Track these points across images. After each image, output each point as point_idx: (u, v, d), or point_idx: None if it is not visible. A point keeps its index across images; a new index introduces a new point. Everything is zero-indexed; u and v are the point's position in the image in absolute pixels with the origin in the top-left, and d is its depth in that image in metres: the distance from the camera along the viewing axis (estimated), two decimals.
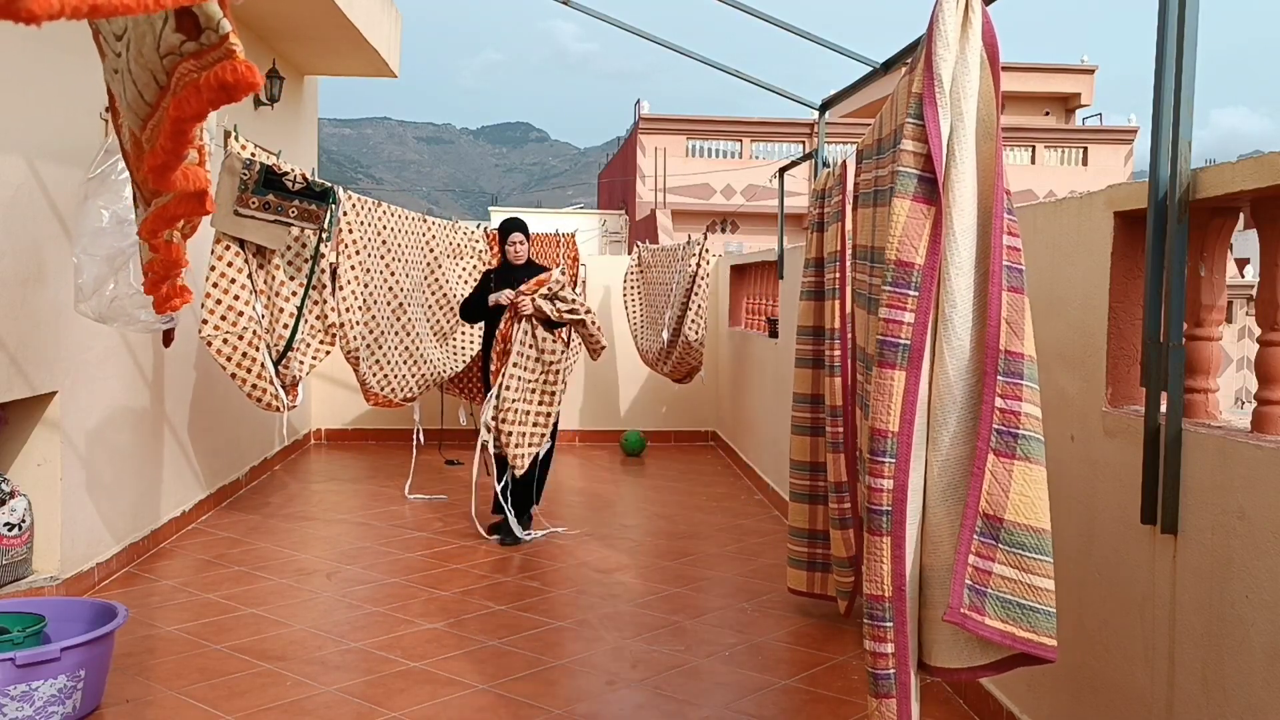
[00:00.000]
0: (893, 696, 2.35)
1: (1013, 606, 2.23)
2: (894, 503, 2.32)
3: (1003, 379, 2.26)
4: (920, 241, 2.33)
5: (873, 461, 2.34)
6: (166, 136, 1.50)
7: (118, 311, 3.95)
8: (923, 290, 2.33)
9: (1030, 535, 2.24)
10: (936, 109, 2.31)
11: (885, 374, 2.34)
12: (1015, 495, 2.24)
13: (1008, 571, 2.23)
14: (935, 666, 2.42)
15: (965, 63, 2.32)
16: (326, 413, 8.92)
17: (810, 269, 4.43)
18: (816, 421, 4.38)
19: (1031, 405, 2.26)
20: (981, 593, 2.23)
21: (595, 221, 29.97)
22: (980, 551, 2.24)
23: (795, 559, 4.47)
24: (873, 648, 2.35)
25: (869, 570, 2.35)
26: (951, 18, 2.32)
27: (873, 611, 2.35)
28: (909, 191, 2.34)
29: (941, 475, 2.35)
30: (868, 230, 3.13)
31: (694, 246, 7.61)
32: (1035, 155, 30.94)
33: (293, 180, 4.94)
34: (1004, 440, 2.25)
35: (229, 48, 1.35)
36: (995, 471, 2.24)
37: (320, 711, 3.37)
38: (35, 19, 0.86)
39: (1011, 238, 2.30)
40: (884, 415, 2.33)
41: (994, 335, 2.27)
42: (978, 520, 2.25)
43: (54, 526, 4.32)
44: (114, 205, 3.91)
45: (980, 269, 2.33)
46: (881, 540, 2.32)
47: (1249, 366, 19.41)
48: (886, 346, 2.34)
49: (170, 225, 1.95)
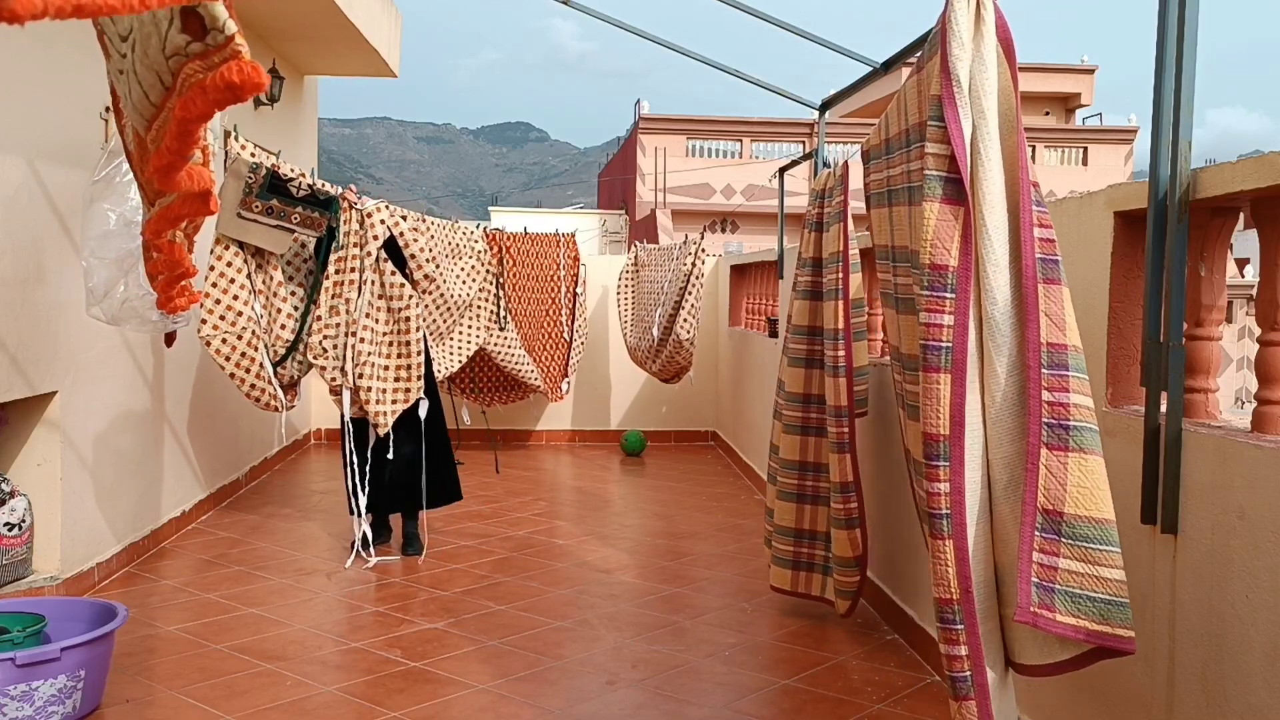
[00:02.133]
0: (971, 698, 2.33)
1: (1083, 600, 2.20)
2: (952, 505, 2.31)
3: (1047, 372, 2.24)
4: (952, 243, 2.33)
5: (928, 466, 2.33)
6: (172, 137, 1.51)
7: (129, 313, 3.96)
8: (959, 292, 2.32)
9: (1093, 526, 2.21)
10: (957, 109, 2.31)
11: (931, 378, 2.34)
12: (1073, 487, 2.21)
13: (1074, 565, 2.20)
14: (1021, 664, 2.40)
15: (982, 60, 2.32)
16: (326, 413, 8.91)
17: (807, 268, 4.42)
18: (808, 421, 4.37)
19: (1080, 395, 2.24)
20: (1049, 589, 2.21)
21: (595, 221, 29.98)
22: (1043, 548, 2.21)
23: (780, 558, 4.47)
24: (947, 651, 2.34)
25: (935, 574, 2.34)
26: (964, 16, 2.32)
27: (943, 615, 2.33)
28: (937, 194, 2.34)
29: (1002, 473, 2.35)
30: (885, 230, 3.13)
31: (690, 245, 7.62)
32: (1035, 155, 30.93)
33: (297, 186, 4.95)
34: (1055, 433, 2.23)
35: (235, 48, 1.35)
36: (1050, 465, 2.22)
37: (320, 711, 3.37)
38: (18, 19, 0.86)
39: (1043, 229, 2.30)
40: (934, 419, 2.32)
41: (1034, 329, 2.26)
42: (1037, 516, 2.22)
43: (54, 526, 4.32)
44: (120, 207, 3.92)
45: (1016, 264, 2.32)
46: (944, 543, 2.31)
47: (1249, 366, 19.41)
48: (929, 350, 2.34)
49: (174, 225, 1.96)
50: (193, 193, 1.68)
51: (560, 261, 8.48)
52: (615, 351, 9.12)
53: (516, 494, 6.91)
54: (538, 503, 6.67)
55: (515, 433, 9.08)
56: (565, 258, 8.50)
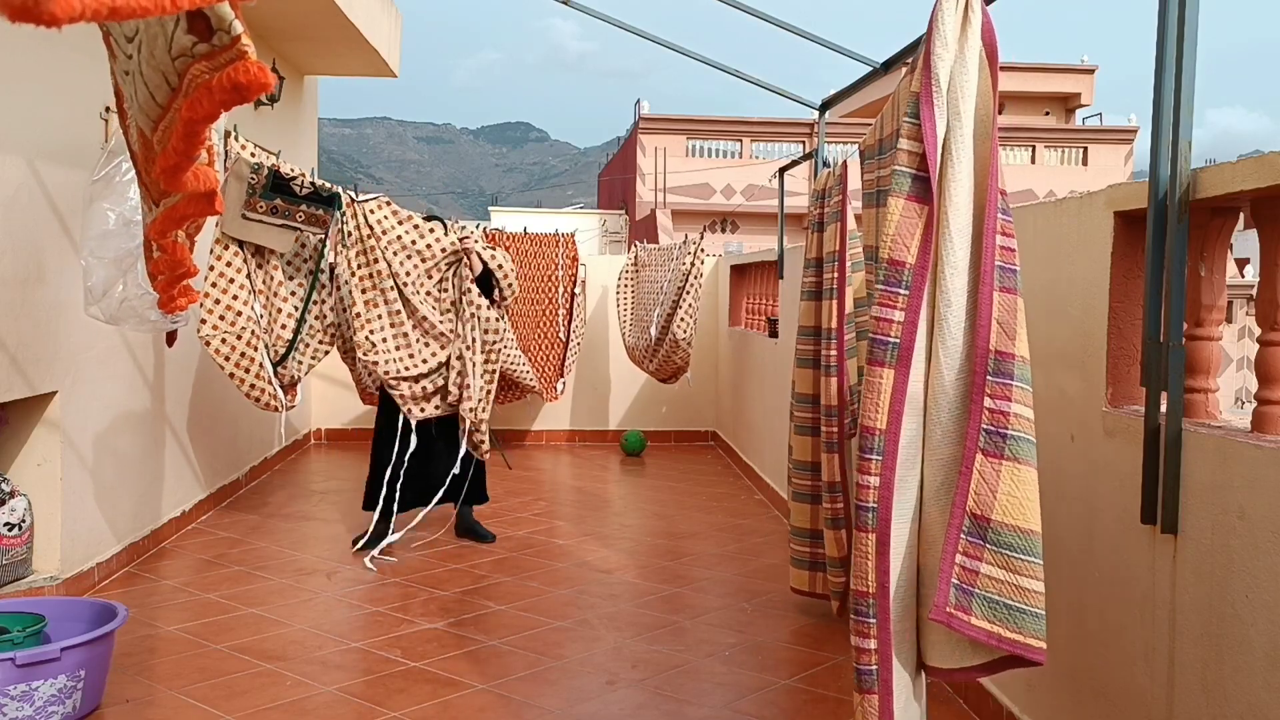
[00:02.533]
0: (875, 692, 2.35)
1: (1000, 607, 2.22)
2: (880, 500, 2.32)
3: (992, 379, 2.26)
4: (912, 241, 2.33)
5: (861, 458, 2.35)
6: (178, 138, 1.51)
7: (128, 312, 3.96)
8: (913, 289, 2.33)
9: (1019, 536, 2.23)
10: (933, 108, 2.31)
11: (875, 371, 2.35)
12: (1003, 495, 2.23)
13: (995, 572, 2.23)
14: (931, 666, 2.43)
15: (964, 62, 2.32)
16: (326, 413, 8.91)
17: (810, 269, 4.43)
18: (817, 421, 4.38)
19: (1021, 406, 2.26)
20: (968, 592, 2.23)
21: (595, 221, 29.98)
22: (967, 551, 2.24)
23: (798, 559, 4.48)
24: (857, 643, 2.36)
25: (855, 566, 2.35)
26: (951, 17, 2.31)
27: (858, 607, 2.35)
28: (903, 190, 2.35)
29: (935, 474, 2.36)
30: (872, 231, 3.13)
31: (689, 245, 7.62)
32: (1035, 155, 30.95)
33: (300, 185, 4.96)
34: (992, 440, 2.25)
35: (241, 49, 1.35)
36: (983, 471, 2.24)
37: (320, 711, 3.37)
38: (57, 21, 0.86)
39: (1005, 238, 2.30)
40: (873, 412, 2.34)
41: (984, 335, 2.27)
42: (965, 519, 2.24)
43: (54, 526, 4.32)
44: (119, 207, 3.92)
45: (975, 269, 2.33)
46: (868, 536, 2.33)
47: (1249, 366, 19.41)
48: (876, 344, 2.35)
49: (179, 225, 1.96)
50: (198, 193, 1.68)
51: (558, 261, 8.48)
52: (615, 351, 9.12)
53: (516, 494, 6.91)
54: (537, 503, 6.67)
55: (514, 432, 9.08)
56: (564, 258, 8.50)
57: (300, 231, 5.04)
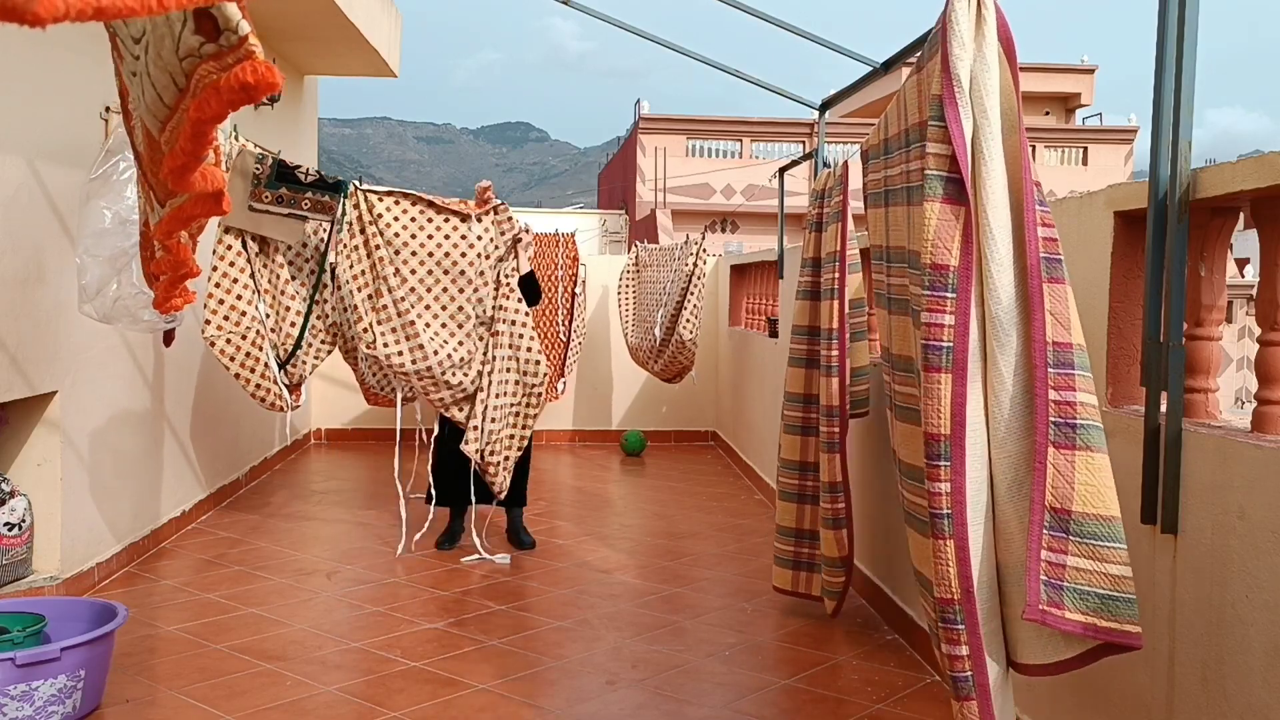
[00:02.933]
0: (973, 699, 2.34)
1: (1091, 597, 2.20)
2: (953, 505, 2.31)
3: (1053, 371, 2.25)
4: (953, 243, 2.33)
5: (929, 466, 2.34)
6: (186, 138, 1.51)
7: (121, 311, 3.95)
8: (960, 292, 2.32)
9: (1101, 524, 2.22)
10: (958, 109, 2.31)
11: (932, 378, 2.34)
12: (1081, 485, 2.22)
13: (1082, 563, 2.21)
14: (1023, 664, 2.41)
15: (984, 60, 2.32)
16: (326, 413, 8.92)
17: (807, 269, 4.43)
18: (808, 421, 4.38)
19: (1086, 394, 2.25)
20: (1058, 587, 2.21)
21: (595, 221, 29.95)
22: (1052, 546, 2.22)
23: (781, 558, 4.48)
24: (948, 650, 2.34)
25: (936, 574, 2.34)
26: (965, 16, 2.32)
27: (944, 614, 2.34)
28: (938, 194, 2.34)
29: (1006, 472, 2.35)
30: (881, 231, 3.13)
31: (692, 246, 7.62)
32: (1035, 155, 30.91)
33: (304, 173, 4.96)
34: (1062, 432, 2.24)
35: (248, 48, 1.35)
36: (1057, 464, 2.23)
37: (320, 711, 3.37)
38: (41, 21, 0.86)
39: (1046, 229, 2.30)
40: (935, 419, 2.33)
41: (1039, 328, 2.26)
42: (1045, 515, 2.23)
43: (54, 526, 4.32)
44: (116, 205, 3.92)
45: (1020, 264, 2.32)
46: (945, 543, 2.31)
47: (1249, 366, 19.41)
48: (930, 350, 2.34)
49: (185, 226, 1.96)
50: (206, 193, 1.68)
51: (559, 261, 8.48)
52: (615, 351, 9.12)
53: None
54: (538, 502, 6.67)
55: None
56: (564, 258, 8.50)
57: (307, 220, 5.03)
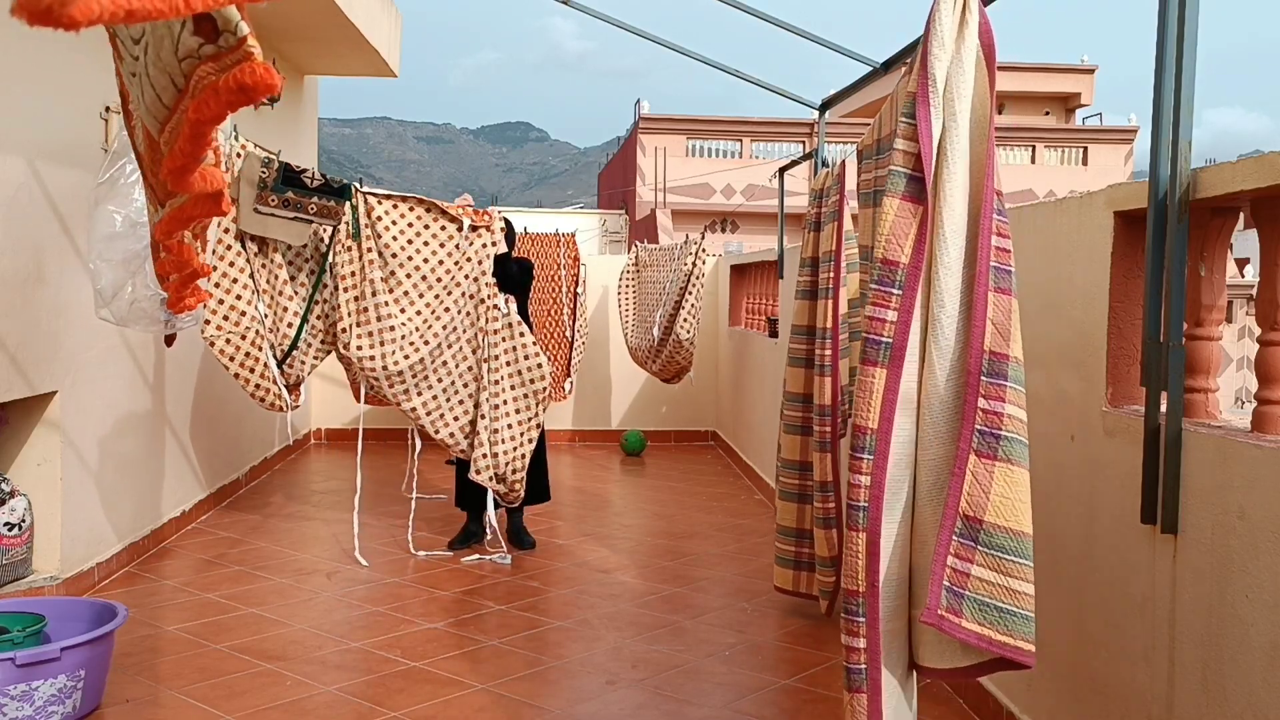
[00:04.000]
0: (864, 692, 2.35)
1: (990, 610, 2.21)
2: (871, 499, 2.32)
3: (986, 380, 2.25)
4: (906, 241, 2.33)
5: (853, 457, 2.35)
6: (185, 139, 1.51)
7: (138, 314, 3.96)
8: (906, 289, 2.33)
9: (1010, 538, 2.23)
10: (929, 108, 2.31)
11: (867, 371, 2.35)
12: (996, 497, 2.23)
13: (986, 574, 2.22)
14: (922, 666, 2.43)
15: (960, 62, 2.32)
16: (326, 413, 8.92)
17: (806, 268, 4.43)
18: (807, 421, 4.38)
19: (1015, 407, 2.26)
20: (959, 595, 2.23)
21: (595, 221, 29.95)
22: (959, 553, 2.23)
23: (782, 557, 4.48)
24: (847, 642, 2.36)
25: (846, 565, 2.36)
26: (948, 17, 2.31)
27: (848, 606, 2.35)
28: (898, 190, 2.35)
29: (928, 475, 2.36)
30: (868, 230, 3.14)
31: (691, 246, 7.62)
32: (1035, 155, 30.95)
33: (310, 177, 4.96)
34: (986, 441, 2.24)
35: (247, 50, 1.36)
36: (976, 472, 2.24)
37: (320, 711, 3.37)
38: (76, 25, 0.86)
39: (1001, 239, 2.30)
40: (865, 412, 2.34)
41: (979, 336, 2.27)
42: (957, 521, 2.24)
43: (54, 526, 4.32)
44: (125, 209, 3.92)
45: (969, 270, 2.33)
46: (858, 535, 2.33)
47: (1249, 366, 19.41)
48: (869, 344, 2.35)
49: (186, 226, 1.96)
50: (205, 194, 1.68)
51: (561, 261, 8.48)
52: (616, 351, 9.12)
53: None
54: (529, 507, 6.66)
55: None
56: (565, 258, 8.50)
57: (313, 223, 5.04)
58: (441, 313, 5.19)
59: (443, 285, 5.20)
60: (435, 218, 5.25)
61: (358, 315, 5.09)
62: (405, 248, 5.17)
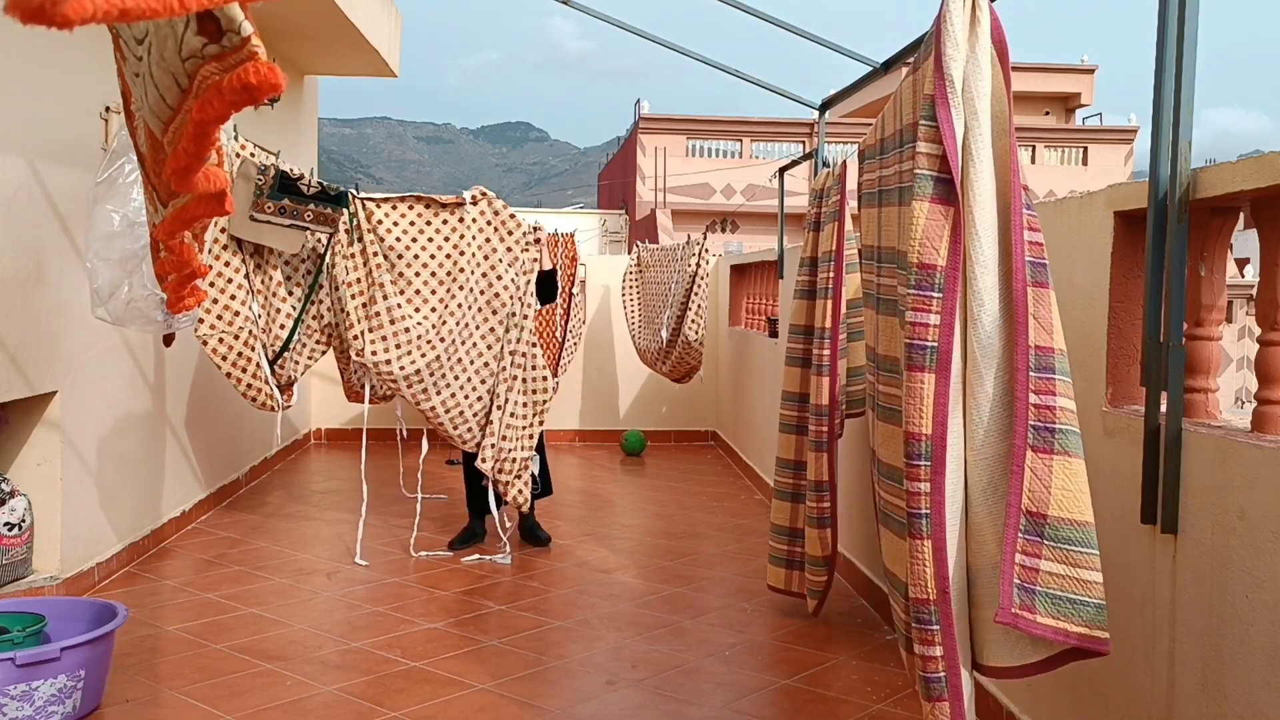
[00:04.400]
0: (945, 699, 2.34)
1: (1063, 602, 2.21)
2: (932, 505, 2.31)
3: (1034, 374, 2.25)
4: (941, 243, 2.33)
5: (909, 465, 2.34)
6: (189, 139, 1.51)
7: (135, 314, 3.96)
8: (946, 291, 2.32)
9: (1075, 529, 2.22)
10: (950, 109, 2.31)
11: (915, 377, 2.34)
12: (1057, 490, 2.22)
13: (1056, 568, 2.22)
14: (989, 666, 2.41)
15: (976, 61, 2.32)
16: (326, 413, 8.92)
17: (805, 268, 4.43)
18: (803, 420, 4.38)
19: (1065, 399, 2.26)
20: (1031, 591, 2.22)
21: (595, 221, 29.95)
22: (1026, 549, 2.23)
23: (775, 556, 4.48)
24: (921, 651, 2.34)
25: (913, 574, 2.34)
26: (959, 17, 2.32)
27: (919, 615, 2.34)
28: (927, 194, 2.34)
29: (981, 475, 2.35)
30: (873, 230, 3.13)
31: (693, 246, 7.62)
32: (1035, 155, 30.94)
33: (307, 185, 4.95)
34: (1041, 436, 2.24)
35: (251, 49, 1.35)
36: (1035, 468, 2.23)
37: (320, 711, 3.37)
38: (69, 23, 0.86)
39: (1032, 232, 2.30)
40: (917, 418, 2.33)
41: (1022, 331, 2.26)
42: (1021, 518, 2.23)
43: (54, 526, 4.32)
44: (123, 208, 3.92)
45: (1004, 266, 2.33)
46: (923, 543, 2.31)
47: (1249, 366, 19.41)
48: (914, 350, 2.34)
49: (188, 226, 1.96)
50: (209, 194, 1.68)
51: (558, 261, 8.46)
52: (616, 351, 9.12)
53: None
54: (538, 502, 6.67)
55: None
56: (563, 257, 8.49)
57: (309, 231, 5.04)
58: (455, 308, 5.18)
59: (451, 279, 5.20)
60: (435, 213, 5.25)
61: (369, 320, 5.07)
62: (410, 246, 5.17)
